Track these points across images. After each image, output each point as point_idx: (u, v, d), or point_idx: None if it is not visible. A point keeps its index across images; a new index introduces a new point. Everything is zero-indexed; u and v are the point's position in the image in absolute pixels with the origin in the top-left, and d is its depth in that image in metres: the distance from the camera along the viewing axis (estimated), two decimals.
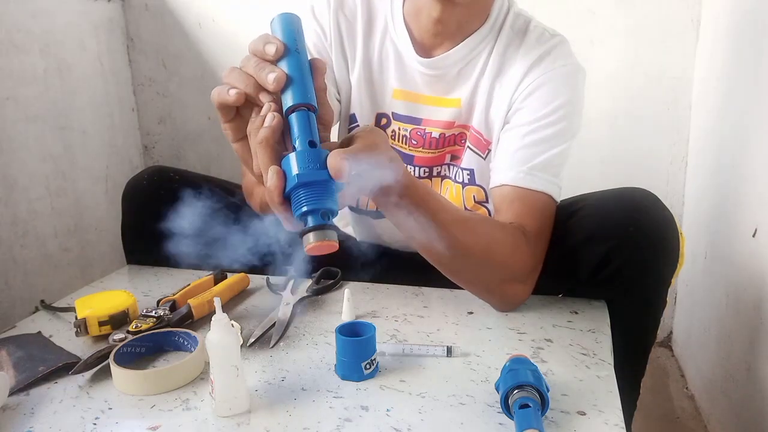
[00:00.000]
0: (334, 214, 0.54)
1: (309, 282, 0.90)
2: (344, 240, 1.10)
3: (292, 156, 0.54)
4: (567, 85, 0.85)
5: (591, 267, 0.78)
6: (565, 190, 0.88)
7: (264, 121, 0.55)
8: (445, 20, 0.85)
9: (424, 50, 0.90)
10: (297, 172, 0.52)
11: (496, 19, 0.89)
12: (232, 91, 0.56)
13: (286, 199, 0.54)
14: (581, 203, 0.83)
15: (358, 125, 0.96)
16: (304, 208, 0.52)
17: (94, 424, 0.59)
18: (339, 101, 0.97)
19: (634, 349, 0.85)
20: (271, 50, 0.55)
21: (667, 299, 0.83)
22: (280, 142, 0.56)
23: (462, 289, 0.86)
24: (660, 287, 0.80)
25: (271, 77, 0.54)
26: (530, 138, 0.82)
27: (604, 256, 0.77)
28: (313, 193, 0.53)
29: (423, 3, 0.86)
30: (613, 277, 0.78)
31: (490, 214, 0.93)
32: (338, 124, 1.01)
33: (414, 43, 0.90)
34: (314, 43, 0.94)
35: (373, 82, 0.94)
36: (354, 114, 0.96)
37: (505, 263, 0.76)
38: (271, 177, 0.54)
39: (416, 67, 0.90)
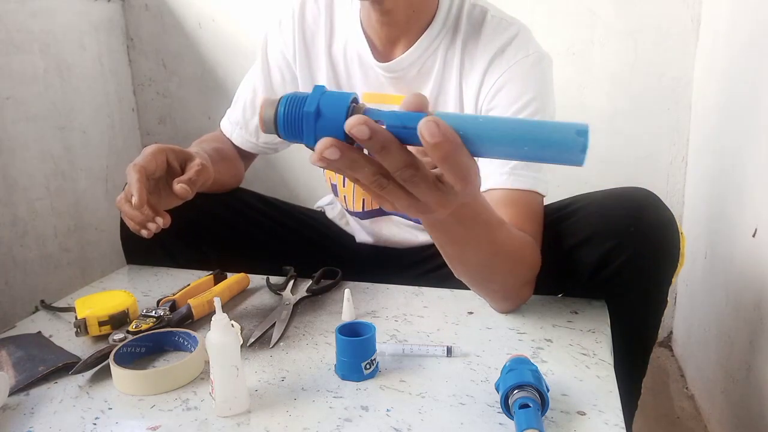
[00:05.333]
0: None
1: (309, 282, 0.90)
2: (343, 239, 1.10)
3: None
4: (533, 77, 0.84)
5: (591, 267, 0.78)
6: (564, 190, 0.88)
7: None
8: (388, 19, 0.86)
9: (383, 53, 0.92)
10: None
11: (448, 11, 0.89)
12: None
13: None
14: (581, 203, 0.83)
15: None
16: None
17: (94, 424, 0.59)
18: None
19: (635, 349, 0.85)
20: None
21: (667, 300, 0.83)
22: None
23: (462, 289, 0.86)
24: (661, 287, 0.80)
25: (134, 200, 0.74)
26: None
27: (604, 255, 0.77)
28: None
29: (367, 7, 0.88)
30: (614, 277, 0.77)
31: None
32: None
33: (372, 47, 0.91)
34: (275, 58, 0.98)
35: (342, 87, 0.96)
36: None
37: (526, 266, 0.75)
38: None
39: (377, 70, 0.92)
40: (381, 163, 0.46)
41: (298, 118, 0.48)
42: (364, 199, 1.00)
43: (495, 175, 0.81)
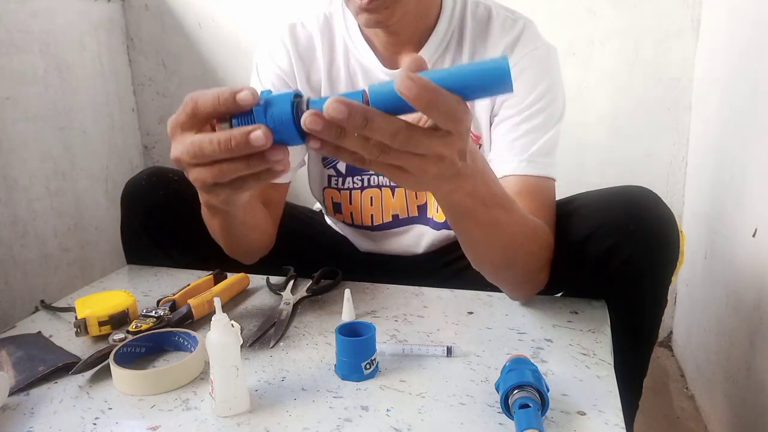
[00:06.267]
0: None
1: (309, 282, 0.90)
2: (343, 240, 1.09)
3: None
4: (544, 68, 0.86)
5: (591, 265, 0.78)
6: (564, 190, 0.88)
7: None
8: (393, 30, 0.85)
9: (391, 60, 0.91)
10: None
11: (452, 12, 0.89)
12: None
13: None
14: (581, 201, 0.83)
15: None
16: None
17: (94, 424, 0.59)
18: None
19: (636, 347, 0.84)
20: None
21: (667, 299, 0.83)
22: None
23: (462, 289, 0.86)
24: (660, 285, 0.80)
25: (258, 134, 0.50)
26: (523, 128, 0.84)
27: (604, 253, 0.77)
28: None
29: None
30: (613, 275, 0.78)
31: None
32: (307, 155, 1.01)
33: (378, 55, 0.90)
34: (273, 83, 0.92)
35: None
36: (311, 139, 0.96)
37: (542, 245, 0.77)
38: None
39: (385, 79, 0.90)
40: (372, 136, 0.47)
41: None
42: (372, 214, 1.00)
43: (514, 162, 0.83)
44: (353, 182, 0.98)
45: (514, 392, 0.55)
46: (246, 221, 0.79)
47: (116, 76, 1.80)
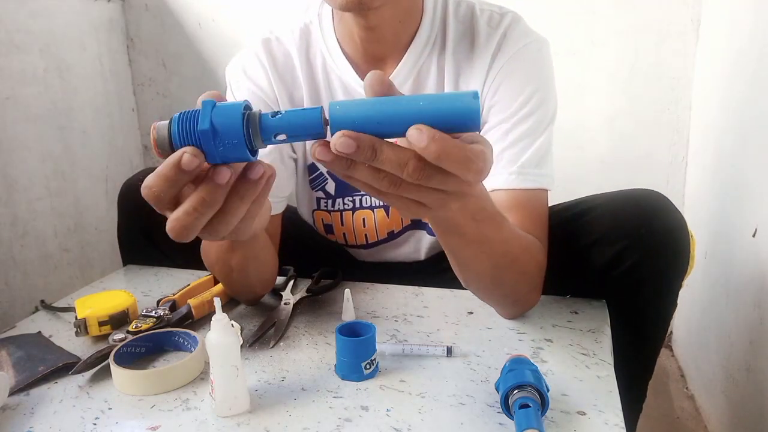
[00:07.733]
0: None
1: (309, 282, 0.90)
2: (345, 254, 1.08)
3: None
4: (533, 67, 0.80)
5: (601, 268, 0.77)
6: (565, 191, 0.87)
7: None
8: (373, 36, 0.80)
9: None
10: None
11: (433, 14, 0.83)
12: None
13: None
14: (591, 204, 0.81)
15: (320, 173, 0.92)
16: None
17: (94, 424, 0.59)
18: (295, 159, 0.91)
19: (641, 351, 0.84)
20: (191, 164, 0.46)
21: (677, 304, 0.82)
22: None
23: (462, 288, 0.86)
24: (669, 291, 0.79)
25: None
26: (512, 135, 0.78)
27: (614, 257, 0.76)
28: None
29: (347, 19, 0.80)
30: (623, 279, 0.77)
31: None
32: (296, 178, 0.95)
33: (357, 70, 0.84)
34: (252, 102, 0.84)
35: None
36: (314, 162, 0.91)
37: (534, 265, 0.73)
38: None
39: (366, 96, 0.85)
40: (382, 168, 0.44)
41: (194, 136, 0.46)
42: (366, 234, 0.96)
43: (504, 175, 0.77)
44: (344, 203, 0.94)
45: (514, 392, 0.55)
46: (259, 256, 0.75)
47: (116, 76, 1.80)
